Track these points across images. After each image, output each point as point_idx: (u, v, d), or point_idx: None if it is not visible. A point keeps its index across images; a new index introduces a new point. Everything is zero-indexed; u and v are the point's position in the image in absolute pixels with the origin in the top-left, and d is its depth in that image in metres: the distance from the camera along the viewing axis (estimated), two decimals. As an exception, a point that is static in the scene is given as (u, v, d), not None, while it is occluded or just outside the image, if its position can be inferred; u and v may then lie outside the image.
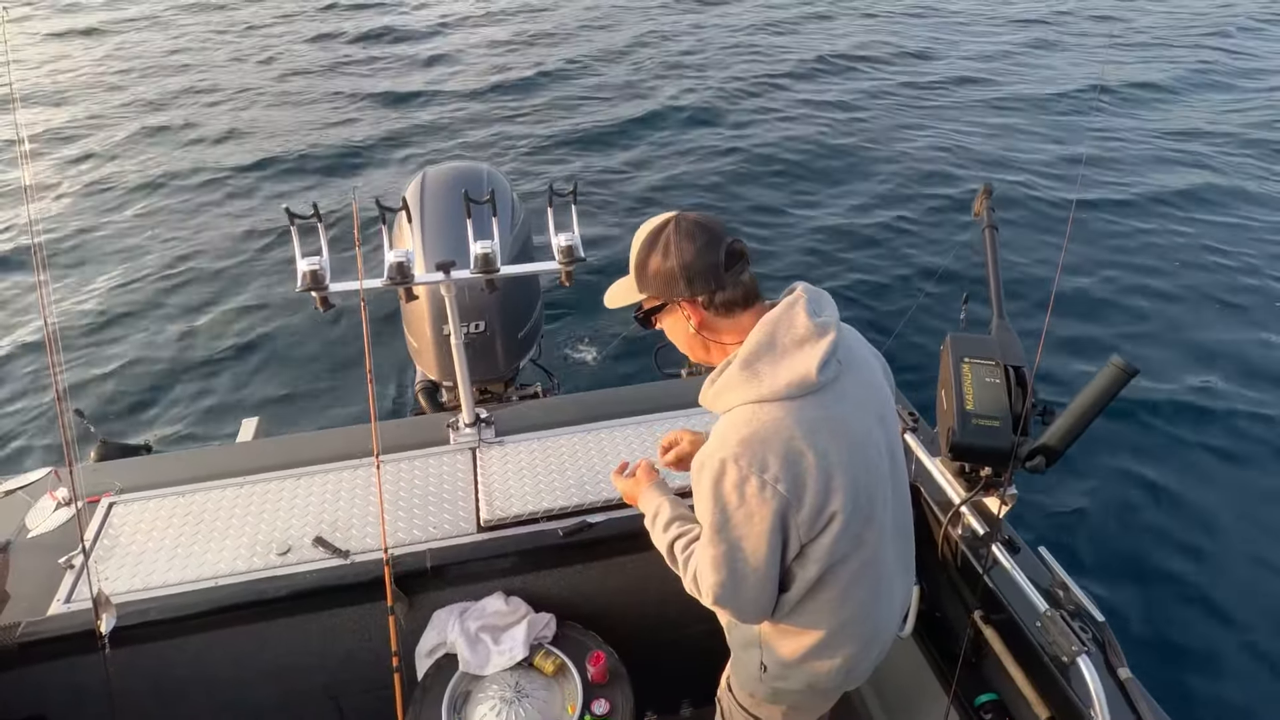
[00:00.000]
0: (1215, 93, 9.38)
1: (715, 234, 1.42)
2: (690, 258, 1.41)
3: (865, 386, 1.49)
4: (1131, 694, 1.64)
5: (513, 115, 8.90)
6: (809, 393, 1.38)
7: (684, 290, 1.43)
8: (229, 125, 8.84)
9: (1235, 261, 6.11)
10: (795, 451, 1.35)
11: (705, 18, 12.23)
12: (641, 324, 1.55)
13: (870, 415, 1.48)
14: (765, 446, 1.35)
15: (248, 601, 1.99)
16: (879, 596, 1.56)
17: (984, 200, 2.40)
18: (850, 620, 1.52)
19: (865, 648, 1.59)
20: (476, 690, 2.02)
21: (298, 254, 2.15)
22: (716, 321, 1.47)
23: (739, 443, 1.36)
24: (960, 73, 9.96)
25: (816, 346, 1.38)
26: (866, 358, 1.56)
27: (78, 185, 7.66)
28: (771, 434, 1.35)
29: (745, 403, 1.39)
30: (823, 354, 1.37)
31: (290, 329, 5.54)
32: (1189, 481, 4.28)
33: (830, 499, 1.38)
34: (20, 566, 2.07)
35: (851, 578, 1.48)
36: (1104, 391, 1.72)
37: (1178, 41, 10.97)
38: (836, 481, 1.37)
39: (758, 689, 1.67)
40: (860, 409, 1.45)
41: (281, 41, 11.63)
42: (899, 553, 1.61)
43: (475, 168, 3.34)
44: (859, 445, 1.42)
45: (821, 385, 1.38)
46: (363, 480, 2.30)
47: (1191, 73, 9.88)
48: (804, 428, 1.36)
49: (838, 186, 7.33)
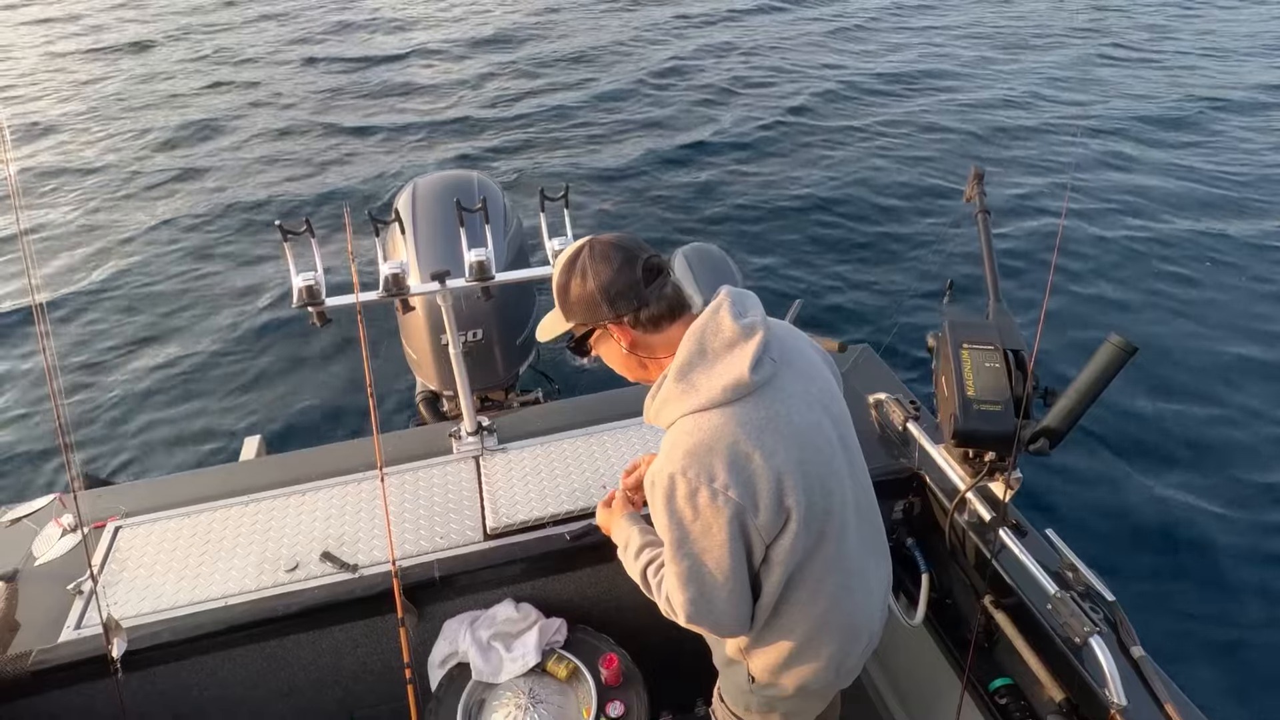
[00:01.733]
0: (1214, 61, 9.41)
1: (630, 252, 1.42)
2: (608, 278, 1.42)
3: (805, 378, 1.48)
4: (1145, 672, 1.64)
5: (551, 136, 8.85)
6: (747, 394, 1.37)
7: (608, 312, 1.43)
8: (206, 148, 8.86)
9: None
10: (741, 455, 1.34)
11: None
12: (575, 353, 1.55)
13: (814, 407, 1.47)
14: (711, 455, 1.34)
15: (258, 620, 1.99)
16: (851, 589, 1.54)
17: (975, 184, 2.40)
18: (826, 617, 1.51)
19: (848, 642, 1.58)
20: (491, 698, 2.02)
21: (292, 270, 2.15)
22: (646, 339, 1.46)
23: (684, 455, 1.35)
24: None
25: (746, 348, 1.38)
26: (804, 350, 1.55)
27: (67, 196, 7.67)
28: (715, 441, 1.35)
29: (685, 414, 1.39)
30: (753, 354, 1.37)
31: (288, 345, 5.54)
32: (1191, 453, 4.29)
33: (785, 497, 1.37)
34: (29, 595, 2.07)
35: (819, 574, 1.47)
36: (1104, 370, 1.72)
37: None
38: (789, 480, 1.37)
39: (750, 701, 1.65)
40: (803, 402, 1.45)
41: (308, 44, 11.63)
42: (866, 541, 1.60)
43: (466, 176, 3.34)
44: (806, 439, 1.42)
45: (758, 385, 1.38)
46: (367, 493, 2.30)
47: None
48: (747, 430, 1.35)
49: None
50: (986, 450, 2.00)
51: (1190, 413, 4.53)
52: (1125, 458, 4.28)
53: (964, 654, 2.12)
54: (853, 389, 2.56)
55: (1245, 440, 4.36)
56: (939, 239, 6.20)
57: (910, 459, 2.28)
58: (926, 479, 2.21)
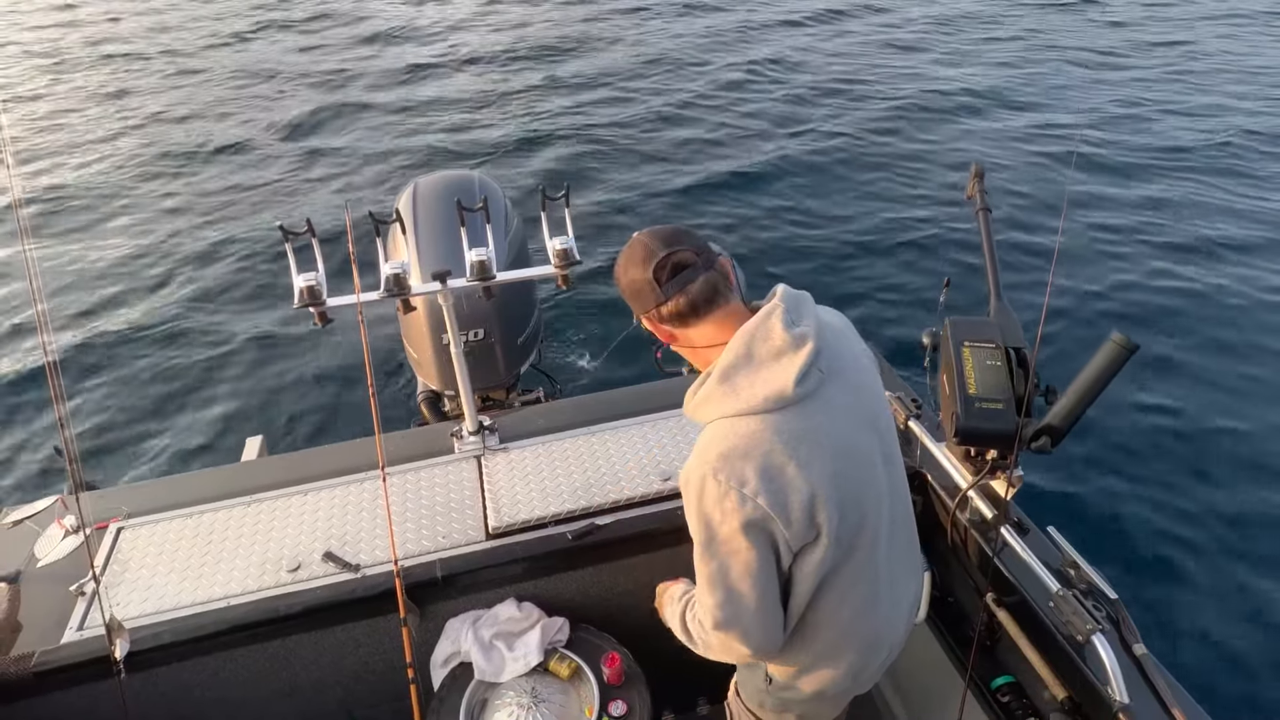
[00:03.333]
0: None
1: (650, 250, 1.42)
2: (628, 279, 1.44)
3: (854, 391, 1.46)
4: (1147, 669, 1.64)
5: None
6: (788, 405, 1.36)
7: (637, 308, 1.46)
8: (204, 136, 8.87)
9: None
10: (774, 465, 1.33)
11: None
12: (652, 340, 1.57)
13: (860, 421, 1.45)
14: (744, 461, 1.33)
15: (260, 620, 1.99)
16: (878, 601, 1.53)
17: (976, 182, 2.39)
18: (850, 627, 1.51)
19: (869, 653, 1.57)
20: (493, 698, 2.02)
21: (294, 270, 2.15)
22: (678, 332, 1.46)
23: (718, 457, 1.35)
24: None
25: (794, 359, 1.36)
26: (857, 358, 1.52)
27: (64, 192, 7.68)
28: (750, 448, 1.34)
29: (724, 416, 1.38)
30: (800, 367, 1.35)
31: (290, 346, 5.54)
32: (1194, 450, 4.29)
33: (816, 512, 1.36)
34: (31, 596, 2.07)
35: (846, 585, 1.46)
36: (1105, 369, 1.72)
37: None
38: (822, 494, 1.35)
39: (765, 699, 1.66)
40: (848, 415, 1.43)
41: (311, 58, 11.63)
42: (900, 554, 1.58)
43: (466, 176, 3.34)
44: (846, 454, 1.40)
45: (802, 396, 1.36)
46: (369, 493, 2.30)
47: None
48: (784, 440, 1.34)
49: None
50: (988, 448, 2.00)
51: (1193, 410, 4.53)
52: (1127, 455, 4.28)
53: (966, 652, 2.12)
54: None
55: (1250, 435, 4.36)
56: (940, 238, 6.21)
57: (912, 457, 2.28)
58: (928, 477, 2.21)
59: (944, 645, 2.22)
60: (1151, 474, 4.17)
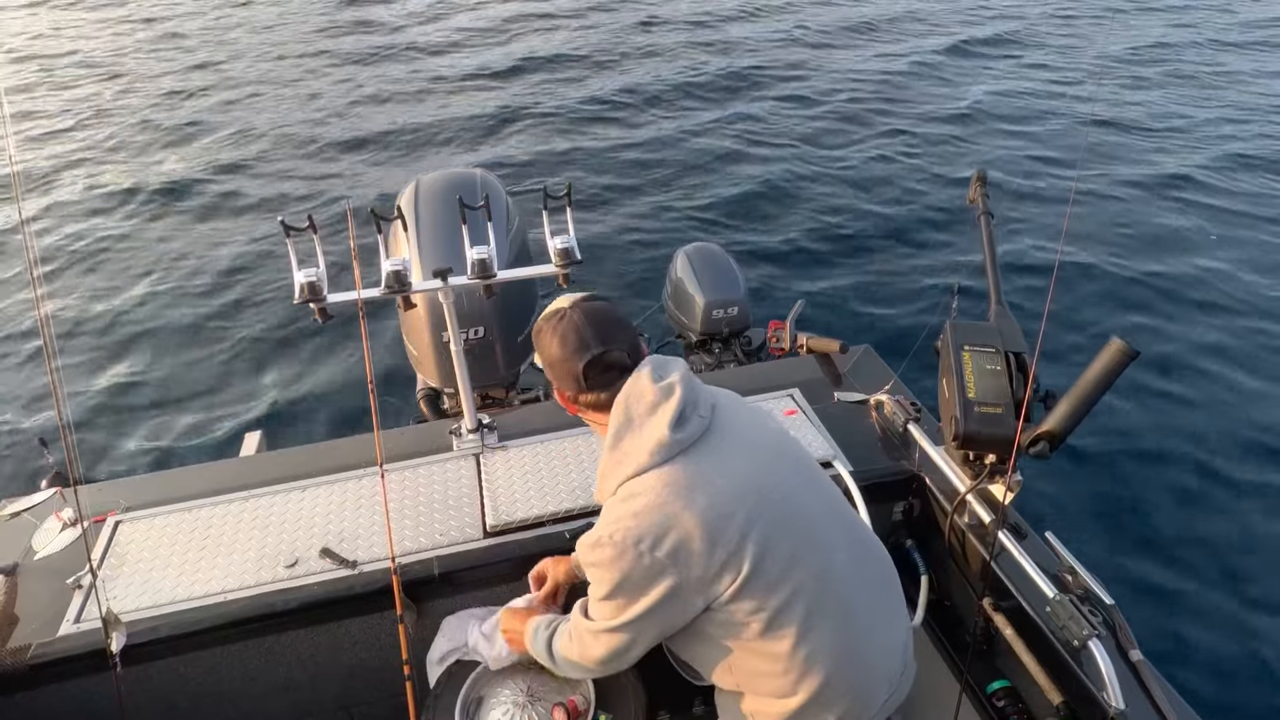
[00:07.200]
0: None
1: (583, 341, 1.44)
2: (555, 358, 1.47)
3: (750, 428, 1.49)
4: (1143, 676, 1.64)
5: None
6: (676, 453, 1.38)
7: (554, 382, 1.51)
8: (219, 134, 8.86)
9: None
10: (669, 516, 1.35)
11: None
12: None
13: (768, 459, 1.47)
14: (638, 518, 1.36)
15: (257, 615, 1.99)
16: (852, 647, 1.48)
17: (978, 187, 2.40)
18: (828, 677, 1.45)
19: (859, 700, 1.51)
20: (489, 695, 2.02)
21: (294, 266, 2.15)
22: (585, 412, 1.54)
23: (615, 520, 1.38)
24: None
25: (667, 407, 1.39)
26: (754, 412, 1.57)
27: (69, 193, 7.67)
28: (646, 504, 1.36)
29: (621, 482, 1.41)
30: (673, 412, 1.38)
31: (290, 341, 5.54)
32: (1193, 455, 4.29)
33: (717, 550, 1.35)
34: (28, 588, 2.07)
35: (801, 631, 1.41)
36: (1105, 374, 1.72)
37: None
38: (729, 533, 1.36)
39: None
40: (749, 451, 1.45)
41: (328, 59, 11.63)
42: (868, 592, 1.54)
43: (469, 174, 3.34)
44: (754, 492, 1.40)
45: (687, 443, 1.39)
46: (368, 490, 2.30)
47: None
48: (676, 489, 1.36)
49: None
50: (987, 452, 2.00)
51: (1192, 415, 4.53)
52: (1126, 461, 4.28)
53: (962, 656, 2.12)
54: (854, 390, 2.56)
55: (1249, 441, 4.36)
56: (941, 241, 6.21)
57: (910, 460, 2.28)
58: (926, 480, 2.21)
59: (940, 649, 2.22)
60: (1150, 479, 4.18)
